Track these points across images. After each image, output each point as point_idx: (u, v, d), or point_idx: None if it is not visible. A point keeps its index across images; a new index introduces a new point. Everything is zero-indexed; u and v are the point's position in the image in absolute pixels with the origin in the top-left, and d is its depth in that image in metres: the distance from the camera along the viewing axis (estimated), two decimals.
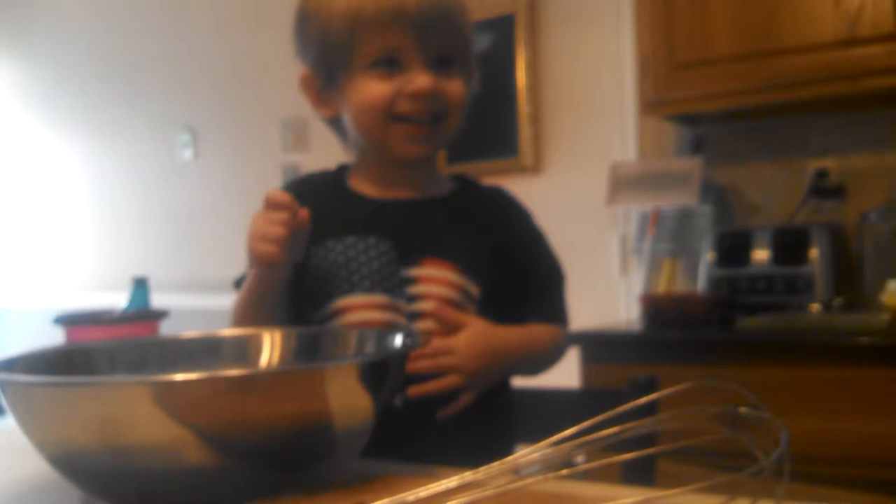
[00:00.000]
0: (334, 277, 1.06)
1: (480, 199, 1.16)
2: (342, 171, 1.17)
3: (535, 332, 1.10)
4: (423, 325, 1.04)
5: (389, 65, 1.04)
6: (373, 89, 1.04)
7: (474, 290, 1.07)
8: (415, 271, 1.06)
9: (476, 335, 1.03)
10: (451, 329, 1.03)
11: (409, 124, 1.05)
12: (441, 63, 1.06)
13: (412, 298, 1.05)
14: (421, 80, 1.03)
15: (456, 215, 1.11)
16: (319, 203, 1.06)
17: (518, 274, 1.11)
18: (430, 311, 1.04)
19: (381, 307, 1.04)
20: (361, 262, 1.05)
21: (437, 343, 1.01)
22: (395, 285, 1.05)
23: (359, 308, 1.04)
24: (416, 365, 0.99)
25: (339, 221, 1.08)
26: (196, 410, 0.65)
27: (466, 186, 1.17)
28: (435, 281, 1.06)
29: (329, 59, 1.07)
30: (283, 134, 3.51)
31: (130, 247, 3.92)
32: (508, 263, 1.10)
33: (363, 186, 1.13)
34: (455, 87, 1.07)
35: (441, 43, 1.05)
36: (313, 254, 1.06)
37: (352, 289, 1.05)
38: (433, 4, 1.04)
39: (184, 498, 0.68)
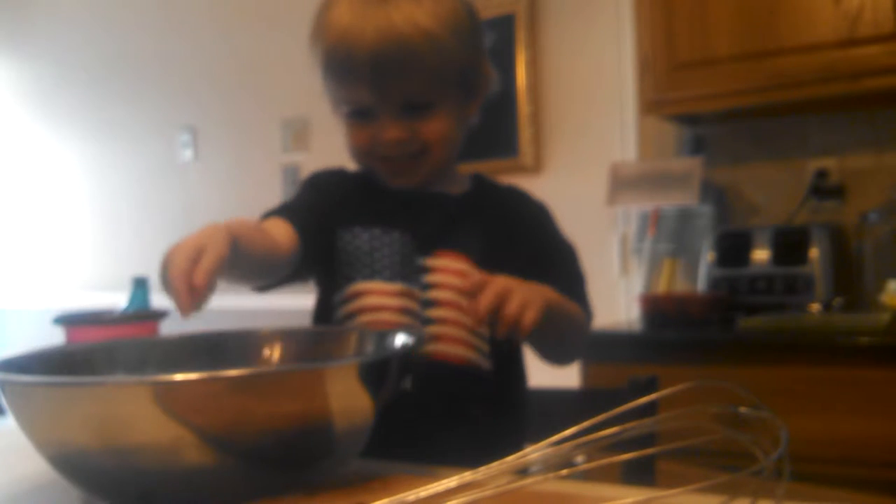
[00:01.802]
0: (357, 262, 1.09)
1: (496, 196, 1.18)
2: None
3: (565, 299, 1.06)
4: (436, 312, 1.06)
5: (362, 114, 1.07)
6: (352, 135, 1.10)
7: None
8: (430, 261, 1.08)
9: (510, 280, 0.93)
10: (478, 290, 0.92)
11: (391, 162, 1.09)
12: (413, 108, 1.05)
13: (426, 287, 1.07)
14: (388, 132, 1.06)
15: (472, 211, 1.14)
16: (349, 190, 1.14)
17: (533, 269, 1.10)
18: (462, 287, 0.96)
19: (397, 294, 1.07)
20: (385, 253, 1.09)
21: (490, 293, 0.89)
22: (411, 274, 1.08)
23: (376, 293, 1.07)
24: (478, 313, 0.89)
25: (366, 211, 1.11)
26: (196, 410, 0.65)
27: (484, 185, 1.19)
28: (448, 271, 1.08)
29: (325, 94, 1.12)
30: (283, 134, 3.51)
31: (130, 247, 3.92)
32: (522, 258, 1.11)
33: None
34: (432, 129, 1.07)
35: (407, 90, 1.04)
36: (339, 237, 1.10)
37: (372, 275, 1.08)
38: (389, 59, 1.01)
39: (184, 498, 0.68)
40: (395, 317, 1.05)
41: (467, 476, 0.68)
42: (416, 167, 1.09)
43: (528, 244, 1.13)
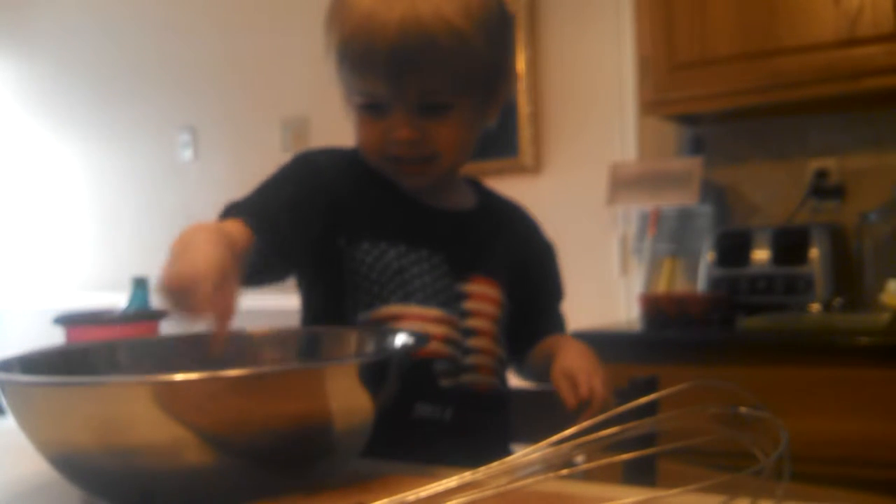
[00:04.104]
0: (389, 282, 1.02)
1: (505, 214, 1.17)
2: None
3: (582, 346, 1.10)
4: (475, 342, 1.04)
5: (375, 108, 1.01)
6: (363, 130, 1.04)
7: (509, 307, 1.09)
8: (466, 287, 1.05)
9: (582, 361, 1.00)
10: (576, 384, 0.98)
11: (401, 164, 1.04)
12: (429, 108, 0.99)
13: (465, 314, 1.04)
14: (400, 131, 0.99)
15: (490, 230, 1.12)
16: (362, 193, 1.06)
17: (533, 288, 1.13)
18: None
19: (438, 321, 1.02)
20: (414, 273, 1.03)
21: (598, 405, 0.95)
22: (448, 300, 1.04)
23: (414, 318, 1.01)
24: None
25: (388, 221, 1.05)
26: (196, 410, 0.65)
27: (490, 199, 1.17)
28: (484, 298, 1.06)
29: (336, 83, 1.06)
30: (283, 134, 3.51)
31: (130, 247, 3.92)
32: (526, 277, 1.11)
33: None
34: (444, 134, 1.01)
35: (426, 89, 0.98)
36: (366, 250, 1.03)
37: (406, 298, 1.02)
38: (411, 53, 0.94)
39: (184, 498, 0.68)
40: (441, 347, 1.01)
41: (467, 476, 0.68)
42: (425, 171, 1.04)
43: (536, 271, 1.14)
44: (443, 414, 1.01)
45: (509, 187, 1.20)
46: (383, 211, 1.06)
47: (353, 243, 1.03)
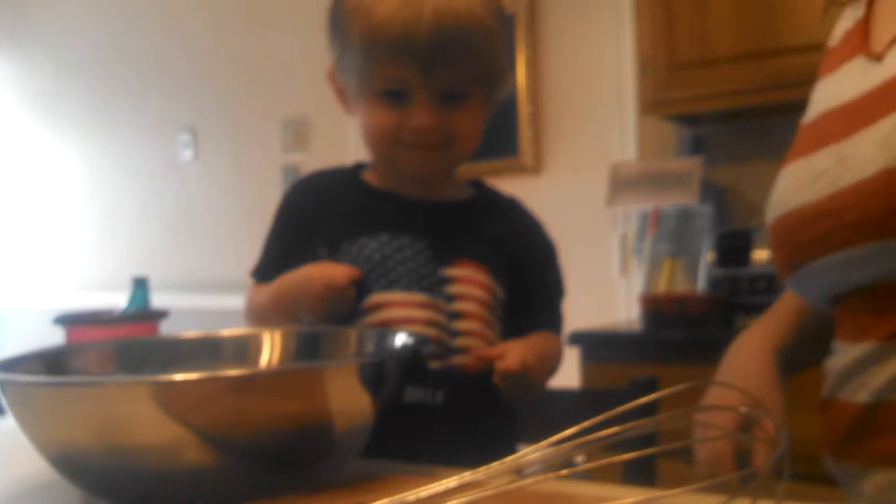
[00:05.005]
0: (371, 273, 1.04)
1: (501, 206, 1.16)
2: (358, 168, 1.15)
3: (549, 341, 1.10)
4: (462, 324, 1.04)
5: (396, 96, 1.02)
6: (378, 117, 1.04)
7: (500, 293, 1.08)
8: (451, 271, 1.06)
9: (519, 345, 1.01)
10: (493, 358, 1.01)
11: (415, 149, 1.05)
12: (451, 96, 1.02)
13: (450, 298, 1.05)
14: (421, 118, 1.01)
15: (481, 219, 1.12)
16: (343, 199, 1.09)
17: (529, 283, 1.12)
18: (469, 359, 1.04)
19: (422, 305, 1.03)
20: (397, 260, 1.05)
21: (496, 349, 1.00)
22: (433, 284, 1.04)
23: (399, 305, 1.03)
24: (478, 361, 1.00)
25: (369, 218, 1.08)
26: (196, 410, 0.65)
27: (487, 193, 1.17)
28: (471, 282, 1.06)
29: (346, 74, 1.06)
30: (283, 134, 3.51)
31: (130, 247, 3.92)
32: (522, 272, 1.11)
33: (386, 183, 1.12)
34: (463, 121, 1.04)
35: (453, 78, 1.01)
36: (345, 250, 1.06)
37: (390, 285, 1.04)
38: (446, 41, 0.98)
39: (184, 498, 0.68)
40: (424, 329, 1.02)
41: (467, 476, 0.68)
42: (440, 156, 1.06)
43: (532, 267, 1.13)
44: (434, 397, 1.01)
45: (509, 187, 1.20)
46: (358, 208, 1.09)
47: (334, 247, 1.06)
